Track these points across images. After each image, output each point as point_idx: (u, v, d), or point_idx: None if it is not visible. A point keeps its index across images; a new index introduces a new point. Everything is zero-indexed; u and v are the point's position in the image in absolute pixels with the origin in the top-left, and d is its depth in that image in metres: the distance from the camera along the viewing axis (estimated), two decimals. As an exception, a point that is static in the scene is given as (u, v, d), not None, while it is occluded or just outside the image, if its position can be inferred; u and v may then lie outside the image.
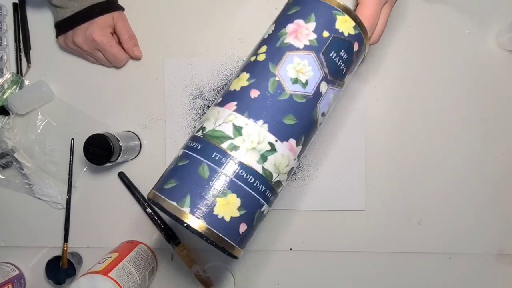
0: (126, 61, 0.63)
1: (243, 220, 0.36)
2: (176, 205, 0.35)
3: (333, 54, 0.39)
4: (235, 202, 0.36)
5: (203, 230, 0.34)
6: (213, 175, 0.36)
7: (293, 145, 0.38)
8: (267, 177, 0.37)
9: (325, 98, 0.40)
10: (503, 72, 0.61)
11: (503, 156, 0.61)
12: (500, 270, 0.61)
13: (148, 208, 0.62)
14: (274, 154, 0.37)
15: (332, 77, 0.40)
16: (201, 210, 0.35)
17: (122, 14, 0.61)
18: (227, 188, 0.35)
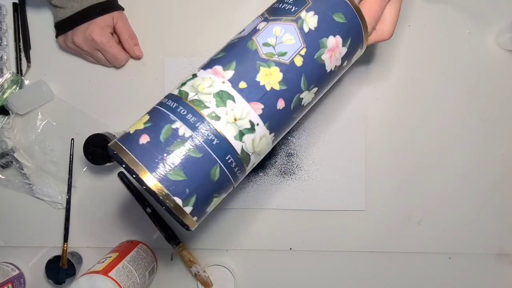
0: (126, 61, 0.63)
1: (145, 132, 0.35)
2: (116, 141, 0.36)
3: (276, 5, 0.44)
4: (143, 119, 0.37)
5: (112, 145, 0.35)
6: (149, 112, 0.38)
7: (218, 69, 0.39)
8: (181, 96, 0.37)
9: (265, 32, 0.41)
10: (503, 72, 0.61)
11: (503, 156, 0.61)
12: (500, 270, 0.61)
13: (148, 208, 0.62)
14: (194, 79, 0.39)
15: (274, 16, 0.42)
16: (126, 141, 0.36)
17: (122, 14, 0.61)
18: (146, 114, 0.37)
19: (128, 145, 0.35)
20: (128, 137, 0.36)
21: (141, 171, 0.34)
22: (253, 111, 0.38)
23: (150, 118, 0.36)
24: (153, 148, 0.34)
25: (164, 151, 0.34)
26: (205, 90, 0.37)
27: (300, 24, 0.40)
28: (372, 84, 0.61)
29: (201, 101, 0.37)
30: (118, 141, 0.36)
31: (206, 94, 0.37)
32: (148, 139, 0.35)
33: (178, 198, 0.35)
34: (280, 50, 0.39)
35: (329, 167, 0.61)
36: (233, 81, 0.38)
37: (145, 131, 0.35)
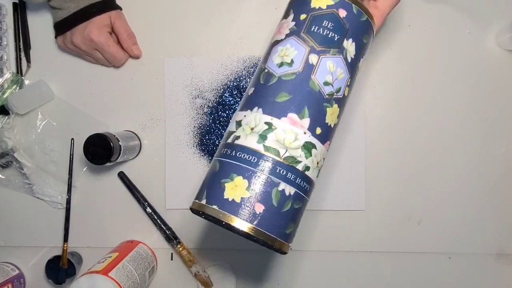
0: (125, 60, 0.63)
1: (258, 200, 0.37)
2: (198, 201, 0.39)
3: (315, 28, 0.41)
4: (242, 183, 0.37)
5: (219, 216, 0.37)
6: (221, 166, 0.39)
7: (295, 119, 0.39)
8: (273, 154, 0.38)
9: (320, 68, 0.41)
10: (503, 72, 0.61)
11: (503, 156, 0.61)
12: (500, 270, 0.61)
13: (148, 208, 0.62)
14: (274, 132, 0.39)
15: (321, 47, 0.41)
16: (214, 198, 0.38)
17: (119, 13, 0.61)
18: (232, 173, 0.38)
19: (244, 215, 0.37)
20: (237, 206, 0.37)
21: (275, 242, 0.37)
22: (325, 150, 0.42)
23: (250, 183, 0.37)
24: (271, 215, 0.37)
25: (280, 215, 0.38)
26: (292, 145, 0.39)
27: (345, 55, 0.42)
28: (372, 84, 0.61)
29: (293, 157, 0.39)
30: (223, 210, 0.37)
31: (294, 149, 0.39)
32: (263, 207, 0.37)
33: (291, 243, 0.40)
34: (336, 86, 0.41)
35: (329, 167, 0.61)
36: (311, 129, 0.40)
37: (255, 199, 0.37)
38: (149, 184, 0.63)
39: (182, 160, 0.63)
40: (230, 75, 0.62)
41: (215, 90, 0.62)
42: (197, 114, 0.63)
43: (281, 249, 0.38)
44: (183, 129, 0.63)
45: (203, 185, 0.40)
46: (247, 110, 0.41)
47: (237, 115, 0.42)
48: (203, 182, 0.41)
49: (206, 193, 0.39)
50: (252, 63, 0.62)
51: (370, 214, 0.61)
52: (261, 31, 0.62)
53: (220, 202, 0.37)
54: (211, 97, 0.62)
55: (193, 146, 0.63)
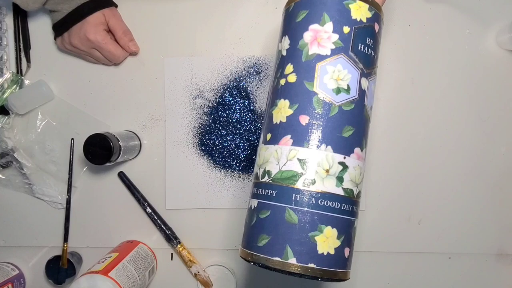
0: (124, 57, 0.62)
1: (345, 245, 0.36)
2: (280, 259, 0.34)
3: (360, 46, 0.38)
4: (332, 233, 0.35)
5: (316, 273, 0.34)
6: (302, 217, 0.35)
7: (359, 153, 0.38)
8: (349, 195, 0.36)
9: (369, 93, 0.39)
10: (503, 72, 0.61)
11: (503, 156, 0.61)
12: (500, 270, 0.61)
13: (148, 208, 0.62)
14: (348, 171, 0.36)
15: (368, 69, 0.38)
16: (306, 255, 0.34)
17: (113, 11, 0.60)
18: (320, 224, 0.35)
19: (342, 265, 0.36)
20: (333, 258, 0.35)
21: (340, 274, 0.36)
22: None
23: (339, 231, 0.36)
24: (352, 253, 0.38)
25: (353, 249, 0.38)
26: (360, 180, 0.38)
27: (377, 74, 0.41)
28: (372, 84, 0.61)
29: (360, 191, 0.38)
30: (326, 267, 0.35)
31: (360, 183, 0.38)
32: (349, 250, 0.37)
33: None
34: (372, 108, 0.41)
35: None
36: (365, 158, 0.39)
37: (345, 244, 0.36)
38: (149, 184, 0.63)
39: (182, 160, 0.63)
40: (230, 75, 0.62)
41: (215, 90, 0.62)
42: (197, 114, 0.63)
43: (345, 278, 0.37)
44: (183, 129, 0.63)
45: (276, 238, 0.35)
46: (311, 147, 0.36)
47: (294, 150, 0.36)
48: (274, 234, 0.35)
49: (292, 249, 0.34)
50: (252, 63, 0.62)
51: (370, 214, 0.61)
52: (261, 31, 0.62)
53: (316, 258, 0.34)
54: (211, 97, 0.62)
55: (193, 146, 0.63)
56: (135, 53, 0.63)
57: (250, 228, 0.37)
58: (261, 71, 0.62)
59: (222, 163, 0.62)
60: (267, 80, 0.62)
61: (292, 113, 0.37)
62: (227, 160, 0.62)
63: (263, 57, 0.62)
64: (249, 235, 0.37)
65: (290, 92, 0.38)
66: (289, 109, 0.37)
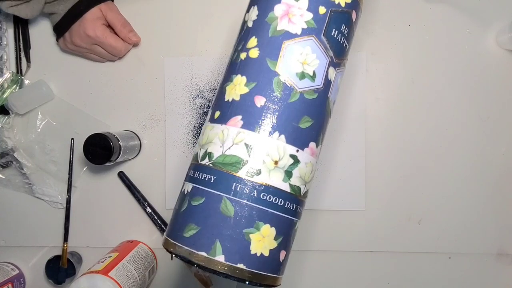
0: (126, 49, 0.62)
1: (282, 248, 0.32)
2: (206, 255, 0.30)
3: (334, 32, 0.34)
4: (270, 232, 0.31)
5: (245, 276, 0.30)
6: (239, 209, 0.30)
7: (314, 148, 0.34)
8: (296, 194, 0.32)
9: (334, 85, 0.35)
10: (503, 72, 0.61)
11: (503, 156, 0.61)
12: (500, 270, 0.61)
13: (148, 207, 0.62)
14: (298, 166, 0.32)
15: (338, 58, 0.34)
16: (237, 254, 0.30)
17: (110, 5, 0.60)
18: (258, 220, 0.30)
19: (273, 269, 0.32)
20: (266, 261, 0.31)
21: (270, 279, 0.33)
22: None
23: (277, 231, 0.32)
24: (287, 258, 0.34)
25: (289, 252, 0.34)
26: (309, 178, 0.34)
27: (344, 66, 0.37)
28: (372, 84, 0.61)
29: (307, 190, 0.34)
30: (258, 270, 0.31)
31: (309, 182, 0.34)
32: (285, 253, 0.33)
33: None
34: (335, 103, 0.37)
35: (329, 167, 0.61)
36: (318, 155, 0.35)
37: (282, 247, 0.32)
38: (149, 184, 0.63)
39: (182, 160, 0.63)
40: (230, 75, 0.62)
41: (215, 89, 0.62)
42: (197, 114, 0.63)
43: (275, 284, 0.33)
44: (183, 129, 0.63)
45: (206, 230, 0.31)
46: (258, 132, 0.32)
47: (242, 134, 0.32)
48: (204, 225, 0.31)
49: (222, 245, 0.30)
50: (252, 63, 0.62)
51: (370, 214, 0.61)
52: (261, 31, 0.62)
53: (246, 259, 0.30)
54: (211, 97, 0.62)
55: (193, 146, 0.63)
56: (137, 44, 0.63)
57: (178, 215, 0.33)
58: (261, 71, 0.62)
59: (222, 163, 0.62)
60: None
61: (248, 92, 0.33)
62: (227, 160, 0.62)
63: (263, 57, 0.62)
64: (175, 223, 0.33)
65: (249, 69, 0.33)
66: (245, 86, 0.33)
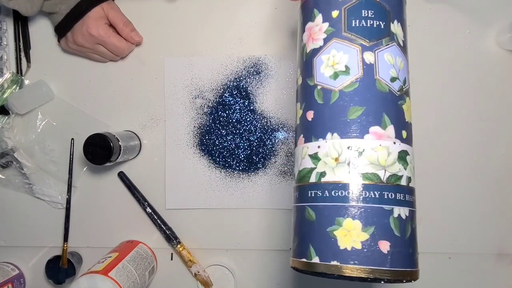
0: (129, 49, 0.62)
1: (378, 238, 0.32)
2: (306, 260, 0.33)
3: (355, 22, 0.36)
4: (354, 226, 0.32)
5: (341, 272, 0.31)
6: (318, 212, 0.33)
7: (379, 131, 0.34)
8: (372, 180, 0.33)
9: (380, 64, 0.35)
10: (503, 72, 0.61)
11: (503, 156, 0.61)
12: (500, 270, 0.61)
13: (148, 208, 0.62)
14: (363, 155, 0.33)
15: (372, 40, 0.36)
16: (327, 252, 0.32)
17: (111, 4, 0.60)
18: (337, 217, 0.32)
19: (373, 261, 0.32)
20: (359, 252, 0.32)
21: (411, 274, 0.33)
22: (412, 149, 0.36)
23: (364, 222, 0.32)
24: (400, 248, 0.33)
25: (407, 242, 0.33)
26: (388, 161, 0.34)
27: (397, 40, 0.37)
28: (372, 84, 0.61)
29: (394, 174, 0.34)
30: (349, 264, 0.32)
31: (392, 165, 0.34)
32: (389, 243, 0.32)
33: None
34: (402, 78, 0.36)
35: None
36: (398, 136, 0.35)
37: (378, 237, 0.32)
38: (149, 184, 0.63)
39: (182, 160, 0.63)
40: (230, 75, 0.62)
41: (215, 90, 0.62)
42: (197, 114, 0.63)
43: (414, 278, 0.33)
44: (183, 129, 0.63)
45: (301, 239, 0.34)
46: (317, 140, 0.35)
47: (305, 148, 0.35)
48: (300, 236, 0.35)
49: (314, 248, 0.33)
50: (252, 63, 0.62)
51: (370, 214, 0.61)
52: (261, 31, 0.62)
53: (338, 255, 0.32)
54: (211, 97, 0.62)
55: (193, 146, 0.63)
56: (139, 43, 0.63)
57: (292, 235, 0.37)
58: (261, 71, 0.62)
59: (222, 163, 0.62)
60: (267, 80, 0.62)
61: (302, 113, 0.37)
62: (227, 160, 0.62)
63: (263, 57, 0.62)
64: (293, 244, 0.37)
65: (299, 94, 0.38)
66: (299, 109, 0.37)
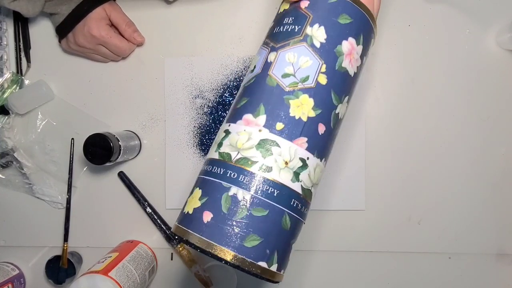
0: (131, 50, 0.62)
1: (206, 209, 0.35)
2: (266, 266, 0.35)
3: (276, 29, 0.41)
4: (196, 194, 0.37)
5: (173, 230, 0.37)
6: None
7: (249, 118, 0.38)
8: (224, 159, 0.36)
9: (278, 62, 0.39)
10: (503, 72, 0.61)
11: (503, 156, 0.61)
12: (500, 270, 0.61)
13: (148, 208, 0.62)
14: (228, 137, 0.38)
15: (281, 42, 0.40)
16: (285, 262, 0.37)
17: (113, 5, 0.60)
18: (194, 187, 0.39)
19: (194, 227, 0.34)
20: (190, 218, 0.35)
21: (217, 249, 0.33)
22: (299, 148, 0.36)
23: (203, 192, 0.35)
24: (219, 223, 0.34)
25: (231, 222, 0.33)
26: (245, 145, 0.35)
27: (310, 41, 0.38)
28: (372, 84, 0.61)
29: (246, 158, 0.35)
30: (180, 225, 0.35)
31: (248, 149, 0.35)
32: (212, 215, 0.34)
33: (262, 262, 0.34)
34: (301, 76, 0.37)
35: (329, 167, 0.61)
36: (268, 125, 0.36)
37: (205, 207, 0.34)
38: (149, 184, 0.63)
39: (182, 160, 0.63)
40: (230, 75, 0.62)
41: (215, 90, 0.62)
42: (197, 114, 0.63)
43: (224, 259, 0.33)
44: (183, 129, 0.63)
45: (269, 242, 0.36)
46: (226, 123, 0.40)
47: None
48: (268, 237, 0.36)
49: (278, 256, 0.35)
50: (252, 63, 0.62)
51: (370, 214, 0.61)
52: (261, 31, 0.62)
53: (181, 218, 0.36)
54: (211, 97, 0.62)
55: (193, 146, 0.63)
56: (141, 44, 0.63)
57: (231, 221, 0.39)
58: (261, 71, 0.62)
59: (222, 163, 0.62)
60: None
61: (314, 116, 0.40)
62: (227, 160, 0.62)
63: (263, 57, 0.62)
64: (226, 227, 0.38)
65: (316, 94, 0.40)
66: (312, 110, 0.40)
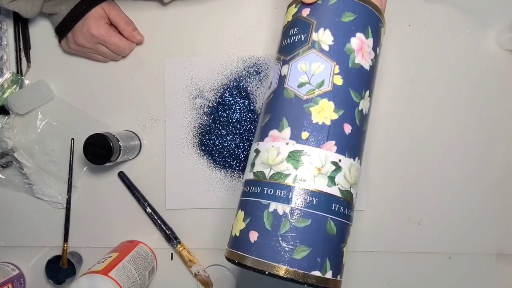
0: (130, 48, 0.62)
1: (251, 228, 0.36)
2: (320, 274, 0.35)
3: (284, 42, 0.42)
4: (240, 216, 0.38)
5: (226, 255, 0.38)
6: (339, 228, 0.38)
7: (275, 134, 0.38)
8: (258, 177, 0.38)
9: (292, 74, 0.40)
10: (503, 72, 0.61)
11: (503, 156, 0.61)
12: (500, 270, 0.61)
13: (148, 208, 0.62)
14: (259, 155, 0.39)
15: (291, 54, 0.41)
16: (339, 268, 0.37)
17: (112, 3, 0.60)
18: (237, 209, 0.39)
19: (243, 248, 0.35)
20: (238, 240, 0.37)
21: (268, 267, 0.34)
22: (329, 152, 0.37)
23: (245, 213, 0.37)
24: (266, 240, 0.35)
25: (276, 237, 0.34)
26: (276, 160, 0.37)
27: (318, 47, 0.39)
28: (372, 84, 0.61)
29: (279, 172, 0.36)
30: (231, 249, 0.37)
31: (279, 163, 0.36)
32: (257, 234, 0.35)
33: (316, 271, 0.35)
34: (316, 81, 0.38)
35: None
36: (294, 137, 0.37)
37: (250, 227, 0.36)
38: (149, 184, 0.63)
39: (182, 160, 0.63)
40: (230, 75, 0.62)
41: (215, 90, 0.62)
42: (197, 114, 0.63)
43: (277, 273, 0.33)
44: (183, 129, 0.63)
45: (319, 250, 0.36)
46: (255, 143, 0.41)
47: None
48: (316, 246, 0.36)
49: (331, 263, 0.36)
50: (252, 63, 0.62)
51: (370, 214, 0.61)
52: (261, 31, 0.62)
53: (231, 242, 0.38)
54: (211, 97, 0.62)
55: (193, 146, 0.63)
56: (140, 42, 0.63)
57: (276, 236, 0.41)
58: (261, 71, 0.62)
59: (222, 163, 0.62)
60: (267, 80, 0.62)
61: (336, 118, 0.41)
62: (227, 160, 0.62)
63: (263, 57, 0.62)
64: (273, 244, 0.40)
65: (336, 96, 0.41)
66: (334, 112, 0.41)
